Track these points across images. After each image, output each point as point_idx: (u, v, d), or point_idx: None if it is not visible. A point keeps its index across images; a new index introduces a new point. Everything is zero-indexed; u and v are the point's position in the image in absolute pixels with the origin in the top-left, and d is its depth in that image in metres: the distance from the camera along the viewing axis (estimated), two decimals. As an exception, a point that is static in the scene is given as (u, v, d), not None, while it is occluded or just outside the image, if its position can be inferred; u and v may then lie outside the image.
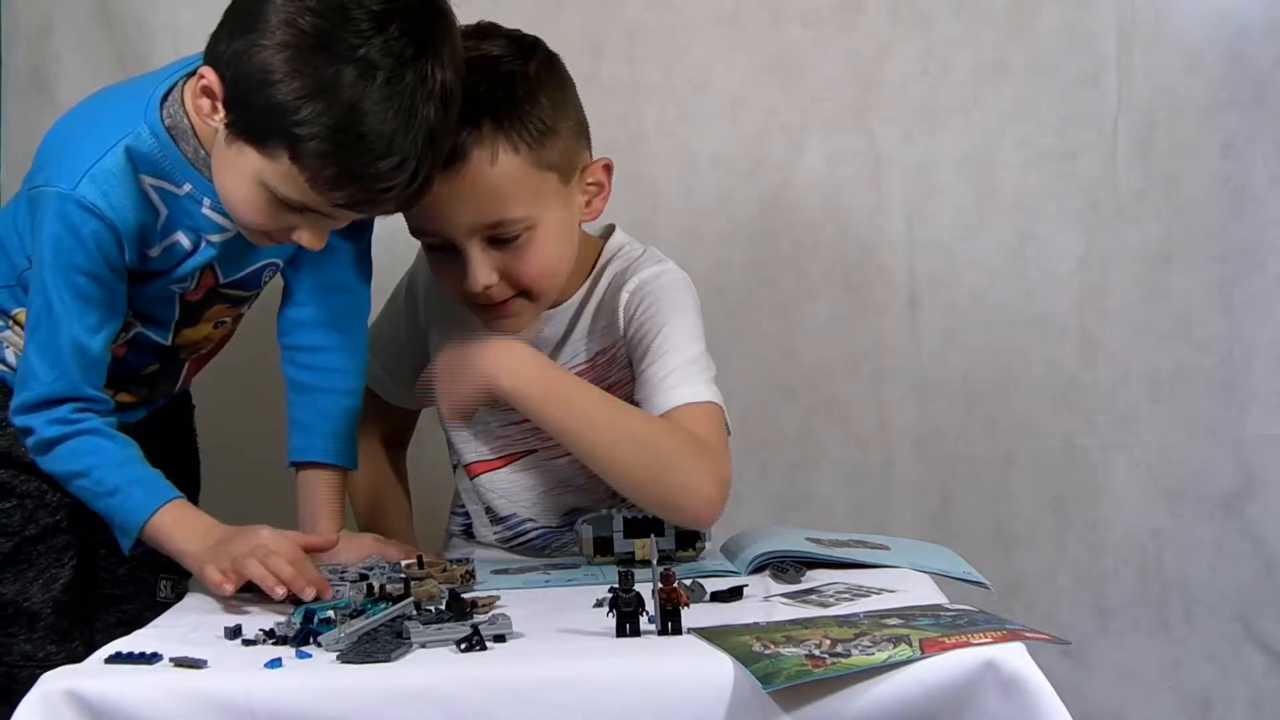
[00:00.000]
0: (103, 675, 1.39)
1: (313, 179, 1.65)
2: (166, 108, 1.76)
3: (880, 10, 2.43)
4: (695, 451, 1.79)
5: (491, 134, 1.80)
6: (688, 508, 1.79)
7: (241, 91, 1.66)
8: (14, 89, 2.45)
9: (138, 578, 1.98)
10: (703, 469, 1.79)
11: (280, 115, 1.63)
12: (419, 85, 1.64)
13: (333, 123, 1.62)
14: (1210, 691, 2.47)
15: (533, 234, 1.84)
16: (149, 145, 1.75)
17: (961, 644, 1.36)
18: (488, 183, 1.80)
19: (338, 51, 1.62)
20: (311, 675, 1.39)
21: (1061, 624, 2.41)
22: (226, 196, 1.73)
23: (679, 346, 1.87)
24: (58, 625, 1.90)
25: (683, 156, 2.45)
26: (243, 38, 1.65)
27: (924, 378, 2.47)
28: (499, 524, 2.02)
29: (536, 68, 1.86)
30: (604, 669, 1.37)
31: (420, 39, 1.65)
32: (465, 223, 1.82)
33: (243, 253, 1.85)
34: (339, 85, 1.61)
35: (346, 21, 1.62)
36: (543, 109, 1.83)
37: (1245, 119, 2.41)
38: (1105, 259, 2.44)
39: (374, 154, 1.63)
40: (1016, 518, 2.47)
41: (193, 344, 1.93)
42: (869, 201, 2.45)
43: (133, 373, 1.91)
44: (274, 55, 1.62)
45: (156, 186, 1.76)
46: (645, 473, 1.78)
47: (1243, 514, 2.45)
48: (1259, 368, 2.44)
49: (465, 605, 1.53)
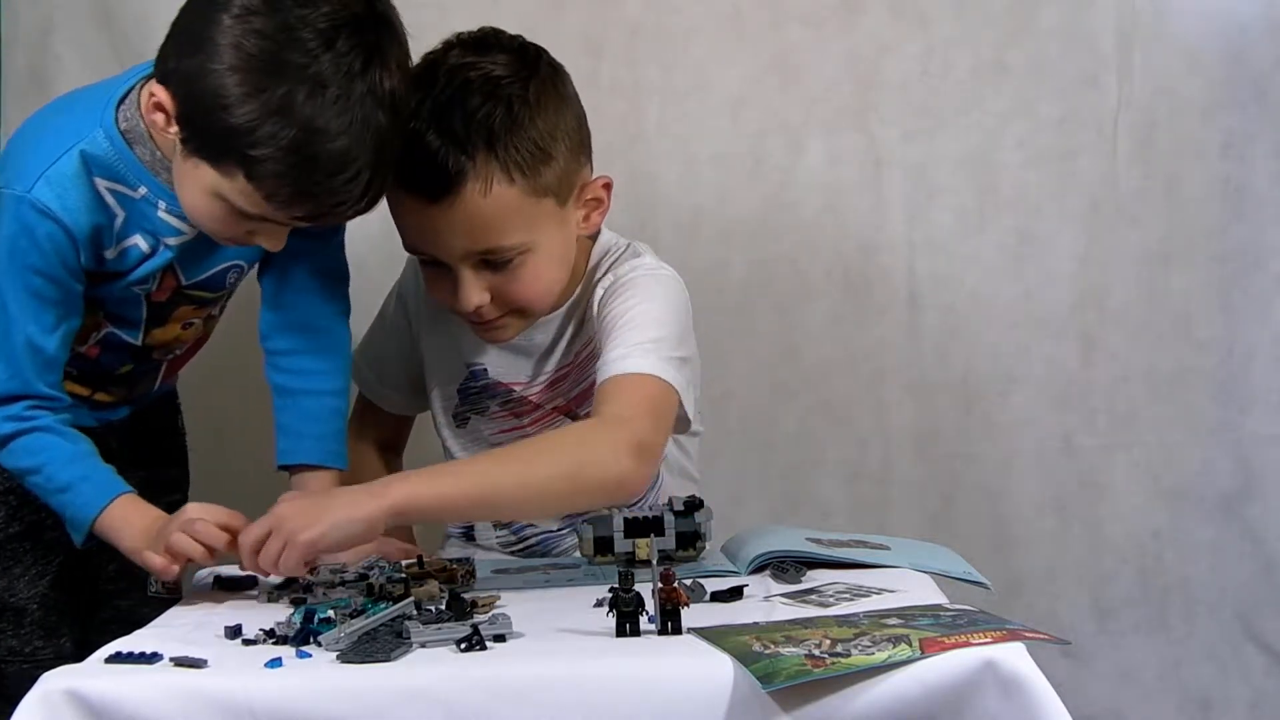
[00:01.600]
0: (103, 675, 1.39)
1: (269, 196, 1.67)
2: (123, 111, 1.77)
3: (880, 10, 2.43)
4: (592, 433, 1.75)
5: (486, 163, 1.78)
6: (610, 490, 1.73)
7: (194, 112, 1.67)
8: (14, 89, 2.45)
9: (129, 573, 1.97)
10: (605, 443, 1.72)
11: (234, 138, 1.64)
12: (368, 96, 1.65)
13: (287, 143, 1.63)
14: (1210, 691, 2.47)
15: (527, 258, 1.83)
16: (104, 149, 1.76)
17: (961, 644, 1.36)
18: (481, 213, 1.79)
19: (287, 72, 1.63)
20: (311, 675, 1.39)
21: (1061, 624, 2.41)
22: (186, 206, 1.75)
23: (638, 326, 1.82)
24: (45, 621, 1.91)
25: (683, 156, 2.45)
26: (192, 58, 1.66)
27: (924, 378, 2.47)
28: (503, 528, 2.02)
29: (537, 89, 1.83)
30: (604, 669, 1.37)
31: (368, 51, 1.66)
32: (458, 249, 1.82)
33: (204, 254, 1.85)
34: (291, 106, 1.62)
35: (294, 41, 1.63)
36: (540, 134, 1.81)
37: (1245, 119, 2.42)
38: (1105, 259, 2.44)
39: (328, 170, 1.65)
40: (1016, 518, 2.47)
41: (164, 344, 1.93)
42: (869, 201, 2.45)
43: (107, 373, 1.92)
44: (224, 78, 1.64)
45: (112, 189, 1.77)
46: (568, 490, 1.73)
47: (1243, 514, 2.45)
48: (1259, 368, 2.44)
49: (465, 605, 1.53)
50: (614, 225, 2.06)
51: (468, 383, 1.99)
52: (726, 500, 2.30)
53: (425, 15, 2.39)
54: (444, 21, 2.38)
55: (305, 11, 1.64)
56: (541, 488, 1.72)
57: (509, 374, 1.97)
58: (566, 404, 1.97)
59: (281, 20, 1.64)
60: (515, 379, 1.97)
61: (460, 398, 2.01)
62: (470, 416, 2.01)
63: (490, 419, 1.99)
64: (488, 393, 1.99)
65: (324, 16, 1.64)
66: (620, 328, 1.82)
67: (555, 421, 1.97)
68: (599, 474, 1.71)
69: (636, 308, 1.84)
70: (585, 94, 2.04)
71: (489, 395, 1.99)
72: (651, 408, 1.77)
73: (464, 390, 2.00)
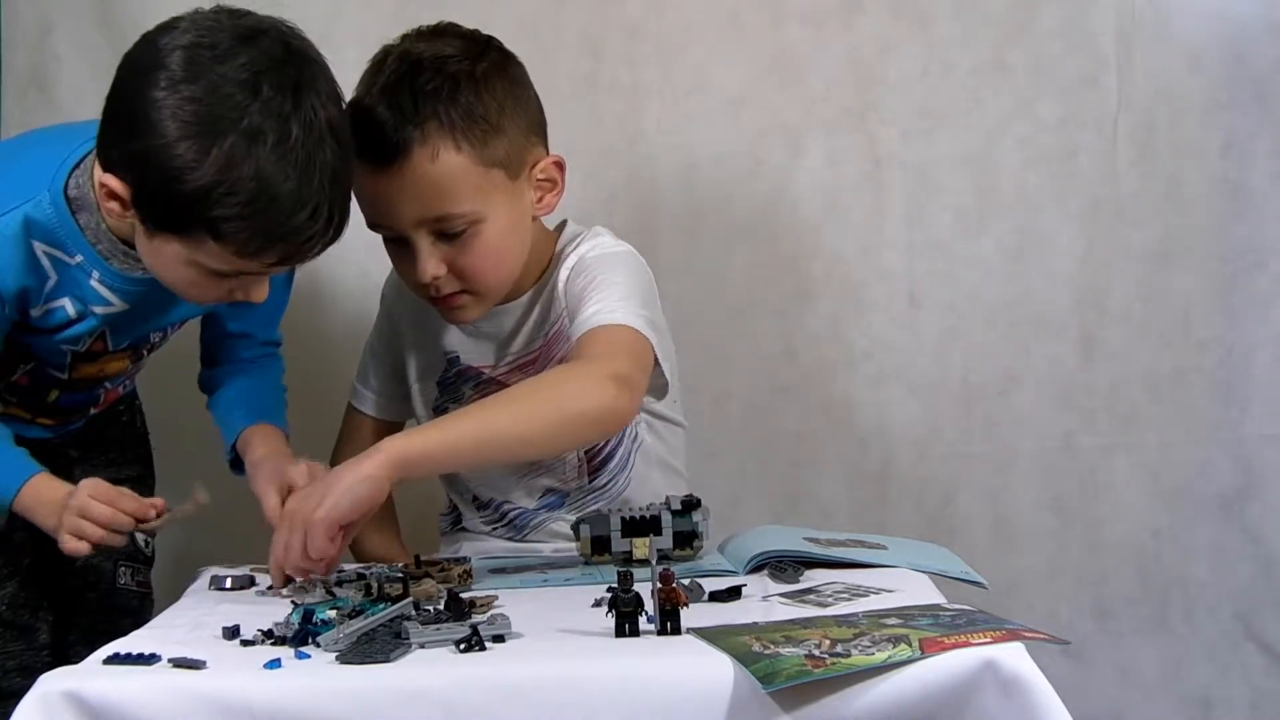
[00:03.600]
0: (101, 676, 1.39)
1: (239, 250, 1.70)
2: (75, 177, 1.80)
3: (880, 10, 2.43)
4: (572, 370, 1.82)
5: (434, 132, 1.84)
6: (594, 417, 1.78)
7: (149, 191, 1.69)
8: (14, 89, 2.45)
9: (94, 567, 2.03)
10: (585, 376, 1.79)
11: (193, 204, 1.67)
12: (307, 134, 1.68)
13: (244, 198, 1.66)
14: (1210, 691, 2.46)
15: (479, 228, 1.88)
16: (48, 215, 1.79)
17: (961, 644, 1.36)
18: (429, 178, 1.85)
19: (223, 129, 1.65)
20: (310, 676, 1.38)
21: (1061, 624, 2.41)
22: (165, 279, 1.78)
23: (605, 289, 1.89)
24: (16, 620, 1.96)
25: (683, 156, 2.45)
26: (134, 140, 1.68)
27: (924, 378, 2.46)
28: (484, 509, 2.07)
29: (486, 67, 1.90)
30: (603, 669, 1.37)
31: (295, 89, 1.69)
32: (410, 215, 1.87)
33: (131, 324, 1.90)
34: (236, 161, 1.65)
35: (222, 99, 1.66)
36: (487, 108, 1.87)
37: (1245, 119, 2.41)
38: (1105, 259, 2.44)
39: (287, 212, 1.68)
40: (1016, 518, 2.47)
41: (92, 377, 1.95)
42: (869, 201, 2.45)
43: (41, 400, 1.94)
44: (171, 151, 1.66)
45: (49, 254, 1.80)
46: (548, 419, 1.77)
47: (1243, 514, 2.45)
48: (1259, 368, 2.44)
49: (464, 605, 1.53)
50: (614, 225, 2.06)
51: (445, 373, 2.05)
52: (726, 500, 2.30)
53: (425, 15, 2.40)
54: (444, 21, 2.39)
55: (224, 68, 1.67)
56: (531, 423, 1.75)
57: (476, 358, 2.03)
58: None
59: (207, 81, 1.67)
60: (483, 362, 2.03)
61: (439, 389, 2.06)
62: (449, 406, 2.05)
63: (464, 405, 2.02)
64: (462, 378, 2.04)
65: (243, 68, 1.67)
66: (589, 295, 1.89)
67: None
68: (583, 404, 1.76)
69: (600, 276, 1.92)
70: (585, 94, 2.04)
71: (463, 380, 2.04)
72: (626, 348, 1.84)
73: (442, 381, 2.06)
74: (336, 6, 2.39)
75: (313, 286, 2.37)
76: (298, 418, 2.05)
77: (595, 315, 1.86)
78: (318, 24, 1.80)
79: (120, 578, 2.01)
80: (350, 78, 2.22)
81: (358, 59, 1.94)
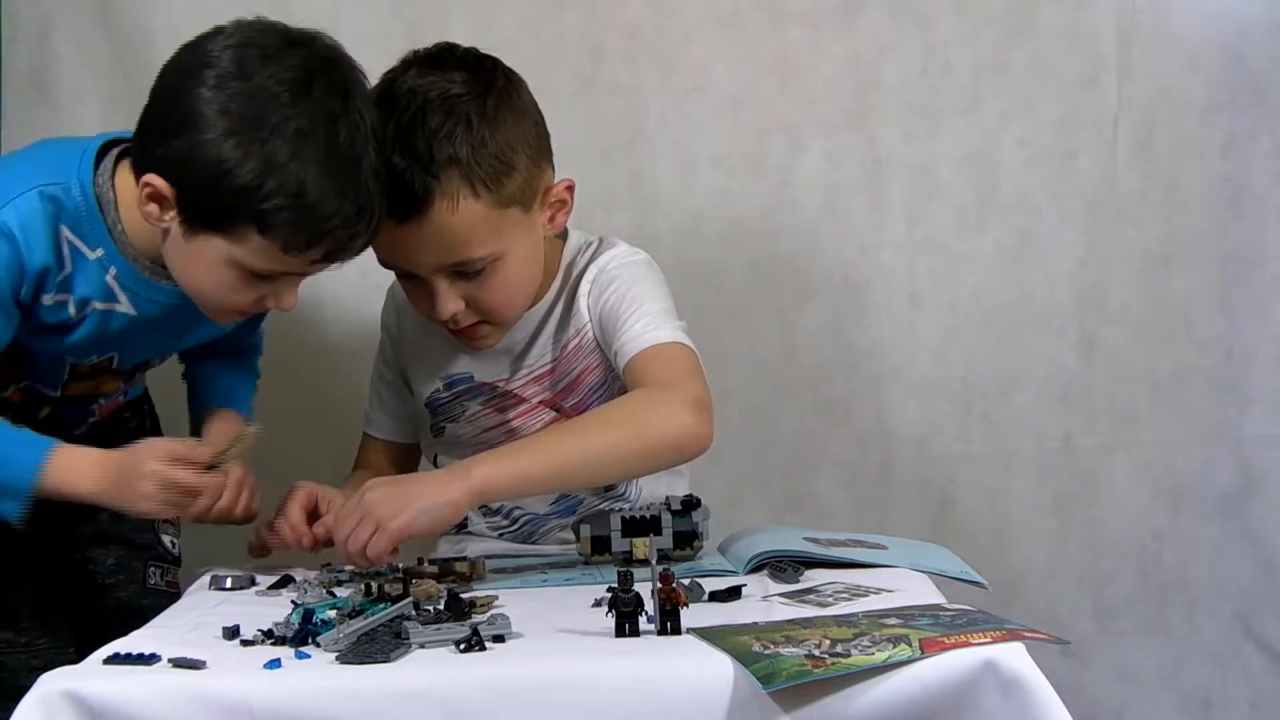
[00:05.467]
0: (101, 676, 1.39)
1: (285, 246, 1.72)
2: (98, 174, 1.80)
3: (880, 10, 2.43)
4: (649, 397, 1.83)
5: (452, 181, 1.82)
6: (673, 444, 1.82)
7: (196, 188, 1.71)
8: (14, 89, 2.45)
9: (126, 566, 2.04)
10: (668, 404, 1.81)
11: (241, 198, 1.69)
12: (354, 133, 1.73)
13: (293, 190, 1.69)
14: (1210, 691, 2.47)
15: (497, 265, 1.88)
16: (76, 201, 1.79)
17: (961, 644, 1.36)
18: (451, 228, 1.84)
19: (276, 126, 1.69)
20: (310, 676, 1.38)
21: (1061, 624, 2.41)
22: (197, 286, 1.79)
23: (644, 302, 1.92)
24: (40, 615, 1.95)
25: (683, 156, 2.45)
26: (179, 138, 1.70)
27: (924, 378, 2.46)
28: (493, 514, 2.05)
29: (495, 102, 1.87)
30: (603, 669, 1.37)
31: (341, 92, 1.74)
32: (431, 263, 1.87)
33: (141, 344, 1.92)
34: (288, 155, 1.68)
35: (272, 96, 1.70)
36: (501, 147, 1.85)
37: (1245, 119, 2.41)
38: (1105, 259, 2.44)
39: (334, 209, 1.71)
40: (1016, 518, 2.47)
41: (83, 395, 1.95)
42: (869, 201, 2.45)
43: (32, 418, 1.92)
44: (220, 145, 1.69)
45: (71, 242, 1.80)
46: (636, 449, 1.80)
47: (1243, 514, 2.45)
48: (1259, 368, 2.44)
49: (464, 605, 1.53)
50: (615, 225, 2.07)
51: (436, 395, 2.03)
52: (726, 500, 2.30)
53: (425, 15, 2.40)
54: (444, 21, 2.39)
55: (275, 68, 1.71)
56: (610, 452, 1.80)
57: (490, 374, 2.01)
58: (552, 398, 1.99)
59: (258, 79, 1.70)
60: (496, 377, 2.01)
61: (430, 410, 2.05)
62: (445, 426, 2.04)
63: (468, 421, 2.02)
64: (467, 396, 2.02)
65: (292, 69, 1.71)
66: (625, 311, 1.91)
67: (541, 415, 1.99)
68: (662, 433, 1.80)
69: (630, 291, 1.93)
70: (585, 94, 2.03)
71: (469, 397, 2.01)
72: (689, 369, 1.87)
73: (431, 403, 2.04)
74: (337, 6, 2.39)
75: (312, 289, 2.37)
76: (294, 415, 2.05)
77: (642, 335, 1.88)
78: (319, 23, 1.79)
79: (150, 578, 2.02)
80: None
81: (358, 58, 1.93)
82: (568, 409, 1.98)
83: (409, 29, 2.36)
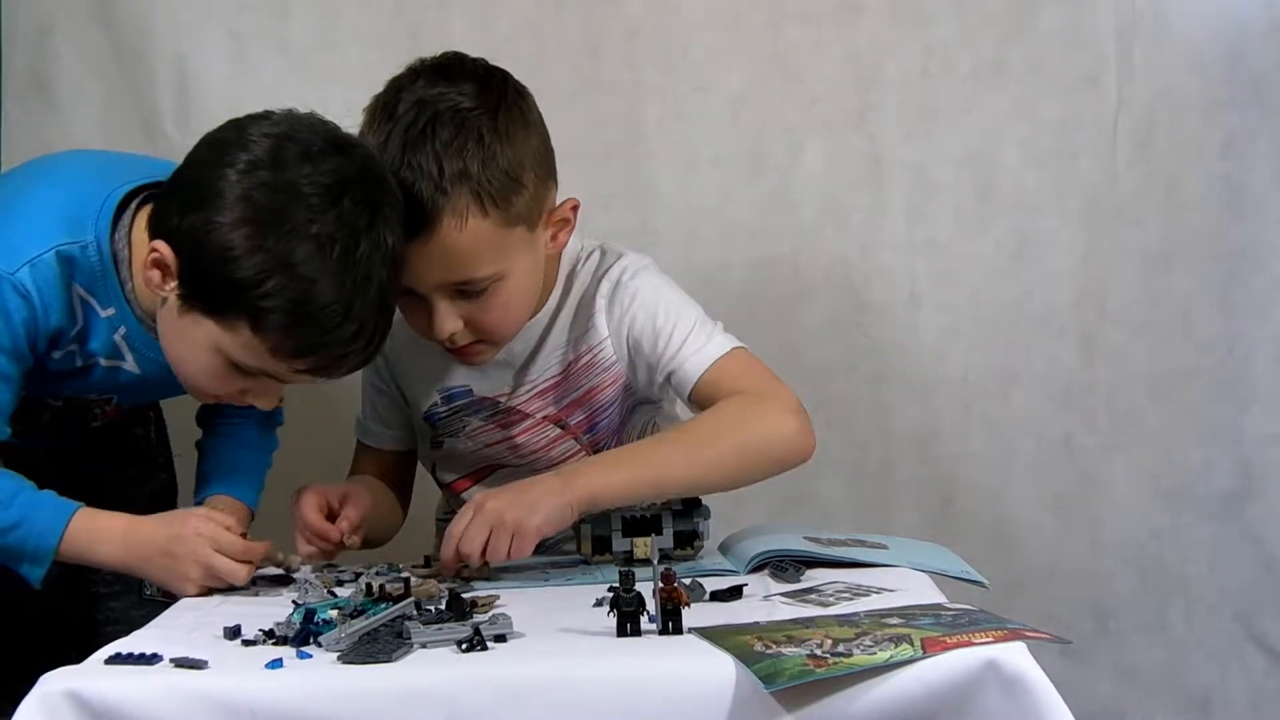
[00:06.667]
0: (103, 676, 1.39)
1: (274, 349, 1.68)
2: (118, 232, 1.77)
3: (880, 10, 2.43)
4: (750, 407, 1.84)
5: (460, 198, 1.78)
6: (781, 454, 1.85)
7: (200, 267, 1.67)
8: (14, 89, 2.44)
9: (123, 577, 2.00)
10: (763, 413, 1.83)
11: (241, 291, 1.65)
12: (373, 253, 1.68)
13: (295, 296, 1.65)
14: (1210, 691, 2.47)
15: (501, 285, 1.84)
16: (92, 261, 1.76)
17: (963, 643, 1.36)
18: (457, 246, 1.79)
19: (294, 227, 1.64)
20: (312, 676, 1.38)
21: (1061, 624, 2.41)
22: (180, 363, 1.75)
23: (680, 314, 1.90)
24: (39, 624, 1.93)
25: (683, 156, 2.45)
26: (196, 213, 1.67)
27: (924, 378, 2.46)
28: None
29: (505, 119, 1.83)
30: (605, 669, 1.37)
31: (372, 209, 1.68)
32: (432, 281, 1.82)
33: (140, 395, 1.91)
34: (298, 261, 1.64)
35: (299, 197, 1.65)
36: (510, 164, 1.81)
37: (1245, 119, 2.42)
38: (1105, 259, 2.44)
39: (333, 324, 1.67)
40: (1016, 518, 2.47)
41: (82, 404, 1.93)
42: (869, 201, 2.45)
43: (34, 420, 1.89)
44: (232, 232, 1.65)
45: (84, 300, 1.78)
46: (739, 460, 1.82)
47: (1243, 514, 2.45)
48: (1259, 368, 2.44)
49: (465, 605, 1.53)
50: (614, 225, 2.06)
51: (434, 409, 2.00)
52: (726, 500, 2.29)
53: (425, 14, 2.40)
54: (444, 21, 2.39)
55: (309, 169, 1.66)
56: (712, 464, 1.82)
57: (491, 388, 1.97)
58: (557, 413, 1.97)
59: (287, 176, 1.66)
60: (498, 391, 1.97)
61: (429, 424, 2.02)
62: (444, 440, 2.02)
63: (469, 437, 1.99)
64: (466, 411, 1.99)
65: (328, 174, 1.67)
66: (665, 327, 1.89)
67: (545, 430, 1.97)
68: (768, 442, 1.83)
69: (660, 303, 1.91)
70: (585, 94, 2.03)
71: (469, 412, 1.99)
72: (766, 374, 1.89)
73: (430, 417, 2.01)
74: (337, 6, 2.39)
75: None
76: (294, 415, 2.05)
77: (701, 349, 1.88)
78: (319, 23, 1.79)
79: (146, 588, 1.98)
80: (351, 77, 2.23)
81: (359, 59, 1.94)
82: (573, 426, 1.96)
83: (409, 29, 2.36)
